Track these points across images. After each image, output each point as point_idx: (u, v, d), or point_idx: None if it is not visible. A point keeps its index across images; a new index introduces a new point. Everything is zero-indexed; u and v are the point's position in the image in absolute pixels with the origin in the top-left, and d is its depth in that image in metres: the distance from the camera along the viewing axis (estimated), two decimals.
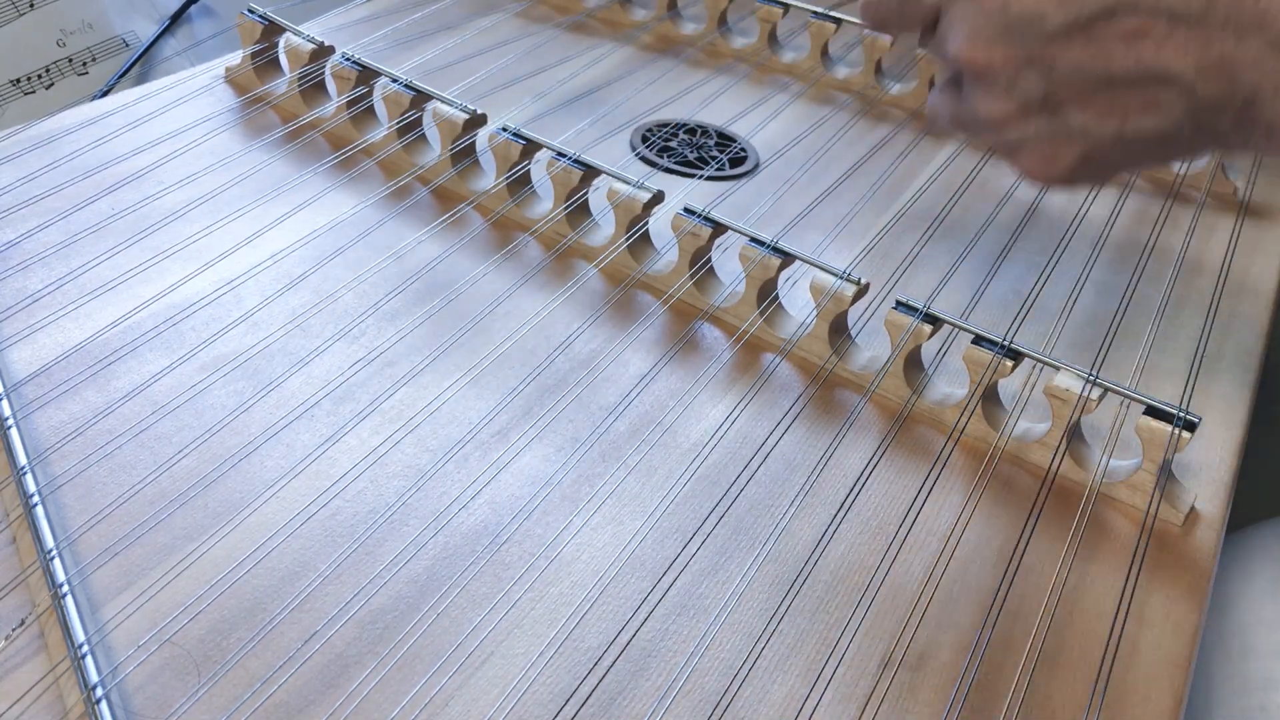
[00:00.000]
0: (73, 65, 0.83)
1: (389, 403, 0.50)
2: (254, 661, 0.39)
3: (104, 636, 0.39)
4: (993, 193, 0.70)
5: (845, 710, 0.40)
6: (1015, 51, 0.39)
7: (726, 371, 0.55)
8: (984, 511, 0.48)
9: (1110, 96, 0.38)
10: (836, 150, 0.73)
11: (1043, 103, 0.39)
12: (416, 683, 0.39)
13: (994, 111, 0.41)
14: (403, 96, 0.65)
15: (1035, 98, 0.39)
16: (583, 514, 0.46)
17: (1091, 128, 0.39)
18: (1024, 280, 0.63)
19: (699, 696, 0.40)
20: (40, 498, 0.43)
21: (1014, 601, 0.44)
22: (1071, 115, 0.39)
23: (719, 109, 0.76)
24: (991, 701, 0.40)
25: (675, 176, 0.69)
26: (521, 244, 0.62)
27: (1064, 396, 0.49)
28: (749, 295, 0.56)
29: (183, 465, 0.46)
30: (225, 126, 0.68)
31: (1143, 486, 0.48)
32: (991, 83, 0.40)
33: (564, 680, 0.40)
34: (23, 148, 0.63)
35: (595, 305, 0.58)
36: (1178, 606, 0.45)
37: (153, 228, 0.58)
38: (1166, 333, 0.59)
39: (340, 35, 0.78)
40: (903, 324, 0.52)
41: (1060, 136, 0.40)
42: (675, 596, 0.43)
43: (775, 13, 0.83)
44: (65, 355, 0.50)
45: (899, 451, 0.51)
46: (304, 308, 0.55)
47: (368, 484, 0.46)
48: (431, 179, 0.65)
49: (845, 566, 0.45)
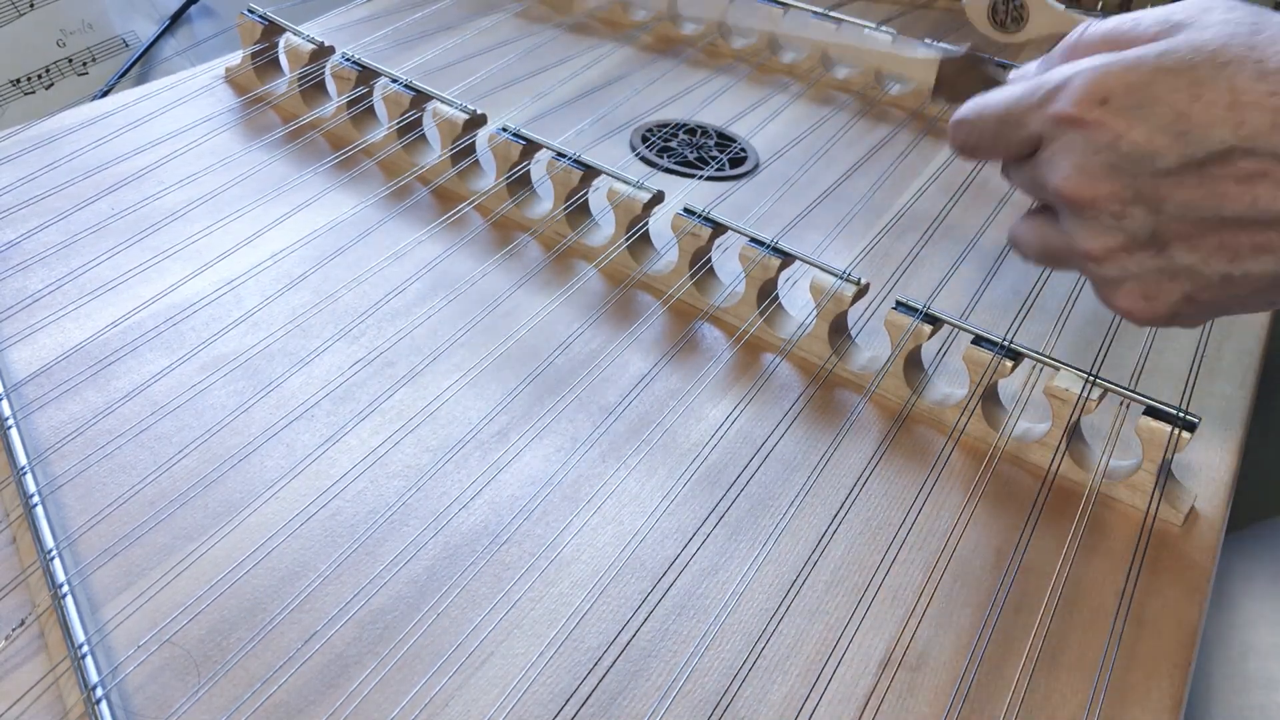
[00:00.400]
0: (73, 65, 0.83)
1: (389, 403, 0.50)
2: (254, 661, 0.39)
3: (104, 636, 0.39)
4: (993, 193, 0.70)
5: (845, 710, 0.40)
6: (1124, 187, 0.37)
7: (726, 371, 0.55)
8: (984, 511, 0.48)
9: (1220, 237, 0.37)
10: (836, 150, 0.73)
11: (1149, 240, 0.38)
12: (416, 683, 0.39)
13: (1095, 247, 0.39)
14: (403, 96, 0.65)
15: (1142, 235, 0.38)
16: (583, 514, 0.46)
17: (1198, 268, 0.37)
18: (1024, 280, 0.62)
19: (699, 696, 0.40)
20: (40, 498, 0.43)
21: (1014, 601, 0.44)
22: (1178, 254, 0.38)
23: (719, 109, 0.76)
24: (991, 701, 0.40)
25: (675, 177, 0.69)
26: (521, 244, 0.62)
27: (1064, 396, 0.49)
28: (749, 295, 0.56)
29: (183, 465, 0.46)
30: (225, 126, 0.68)
31: (1143, 486, 0.48)
32: (1095, 217, 0.38)
33: (564, 680, 0.40)
34: (23, 148, 0.63)
35: (595, 305, 0.58)
36: (1178, 606, 0.45)
37: (153, 228, 0.58)
38: (1166, 333, 0.59)
39: (340, 35, 0.78)
40: (903, 324, 0.52)
41: (1164, 275, 0.38)
42: (675, 596, 0.43)
43: (775, 13, 0.83)
44: (65, 355, 0.50)
45: (899, 451, 0.51)
46: (304, 308, 0.55)
47: (368, 484, 0.46)
48: (431, 179, 0.65)
49: (845, 566, 0.45)
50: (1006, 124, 0.41)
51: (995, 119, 0.41)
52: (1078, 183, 0.38)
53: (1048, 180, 0.39)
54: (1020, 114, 0.40)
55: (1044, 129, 0.39)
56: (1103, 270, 0.40)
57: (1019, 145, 0.41)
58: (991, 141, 0.42)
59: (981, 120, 0.42)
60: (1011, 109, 0.40)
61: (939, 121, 0.78)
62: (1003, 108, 0.41)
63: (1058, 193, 0.39)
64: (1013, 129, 0.40)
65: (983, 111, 0.42)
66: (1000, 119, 0.41)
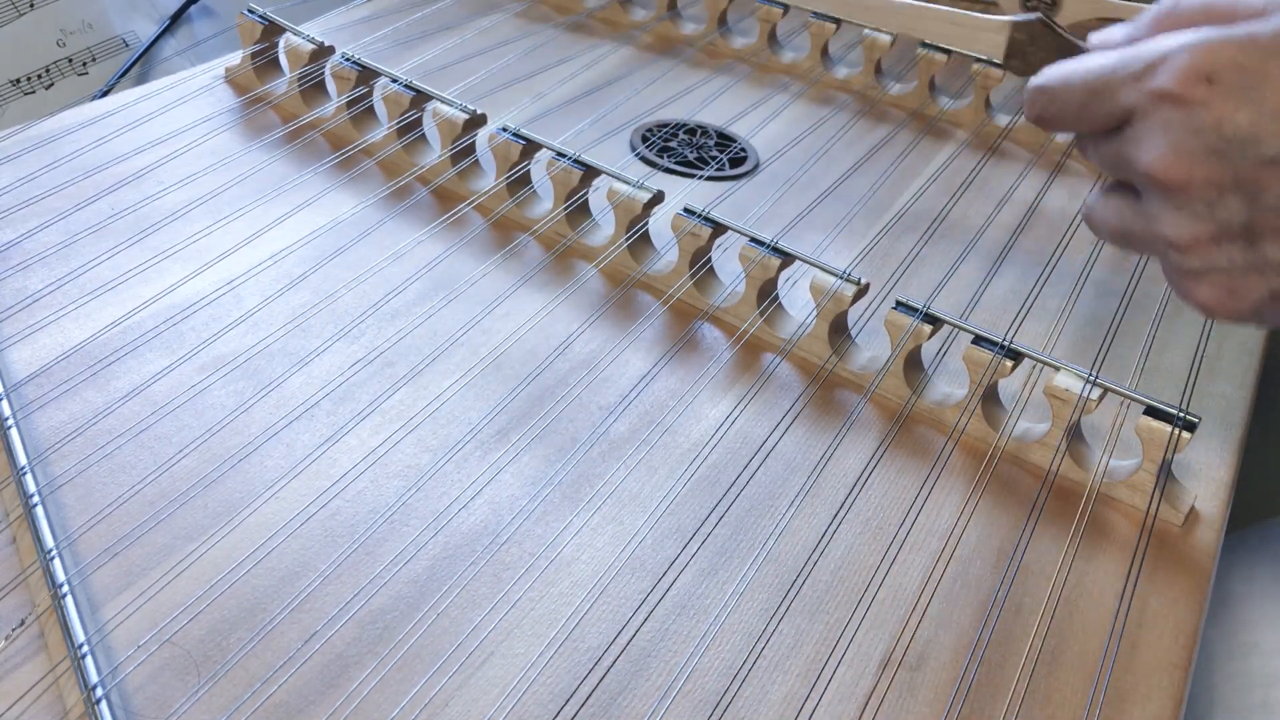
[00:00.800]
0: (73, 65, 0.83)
1: (389, 403, 0.50)
2: (254, 661, 0.39)
3: (104, 636, 0.39)
4: (993, 193, 0.70)
5: (845, 710, 0.40)
6: (1222, 173, 0.35)
7: (726, 371, 0.55)
8: (984, 511, 0.48)
9: None
10: (836, 150, 0.73)
11: (1241, 232, 0.36)
12: (416, 683, 0.39)
13: (1183, 234, 0.37)
14: (403, 96, 0.65)
15: (1234, 225, 0.36)
16: (583, 514, 0.46)
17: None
18: (1024, 280, 0.63)
19: (699, 696, 0.40)
20: (40, 498, 0.43)
21: (1014, 601, 0.44)
22: (1270, 248, 0.36)
23: (719, 109, 0.76)
24: (991, 701, 0.40)
25: (675, 176, 0.69)
26: (521, 244, 0.62)
27: (1064, 396, 0.49)
28: (749, 295, 0.56)
29: (183, 465, 0.46)
30: (225, 126, 0.68)
31: (1143, 486, 0.48)
32: (1186, 202, 0.36)
33: (564, 680, 0.40)
34: (23, 148, 0.63)
35: (595, 305, 0.58)
36: (1178, 606, 0.45)
37: (153, 228, 0.58)
38: (1166, 333, 0.59)
39: (340, 35, 0.78)
40: (903, 324, 0.52)
41: (1252, 269, 0.36)
42: (675, 596, 0.43)
43: (775, 13, 0.83)
44: (65, 355, 0.50)
45: (899, 451, 0.51)
46: (304, 308, 0.55)
47: (368, 484, 0.46)
48: (431, 179, 0.65)
49: (845, 566, 0.45)
50: (1095, 95, 0.38)
51: (1083, 89, 0.38)
52: (1172, 164, 0.35)
53: (1137, 158, 0.37)
54: (1112, 86, 0.37)
55: (1138, 103, 0.36)
56: (1186, 260, 0.37)
57: (1105, 119, 0.38)
58: (1075, 113, 0.39)
59: (1067, 89, 0.39)
60: (1102, 79, 0.38)
61: (939, 121, 0.78)
62: (1093, 77, 0.38)
63: (1148, 173, 0.36)
64: (1101, 101, 0.38)
65: (1069, 80, 0.39)
66: (1089, 89, 0.38)
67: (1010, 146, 0.75)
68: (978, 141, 0.76)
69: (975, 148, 0.75)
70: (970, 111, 0.78)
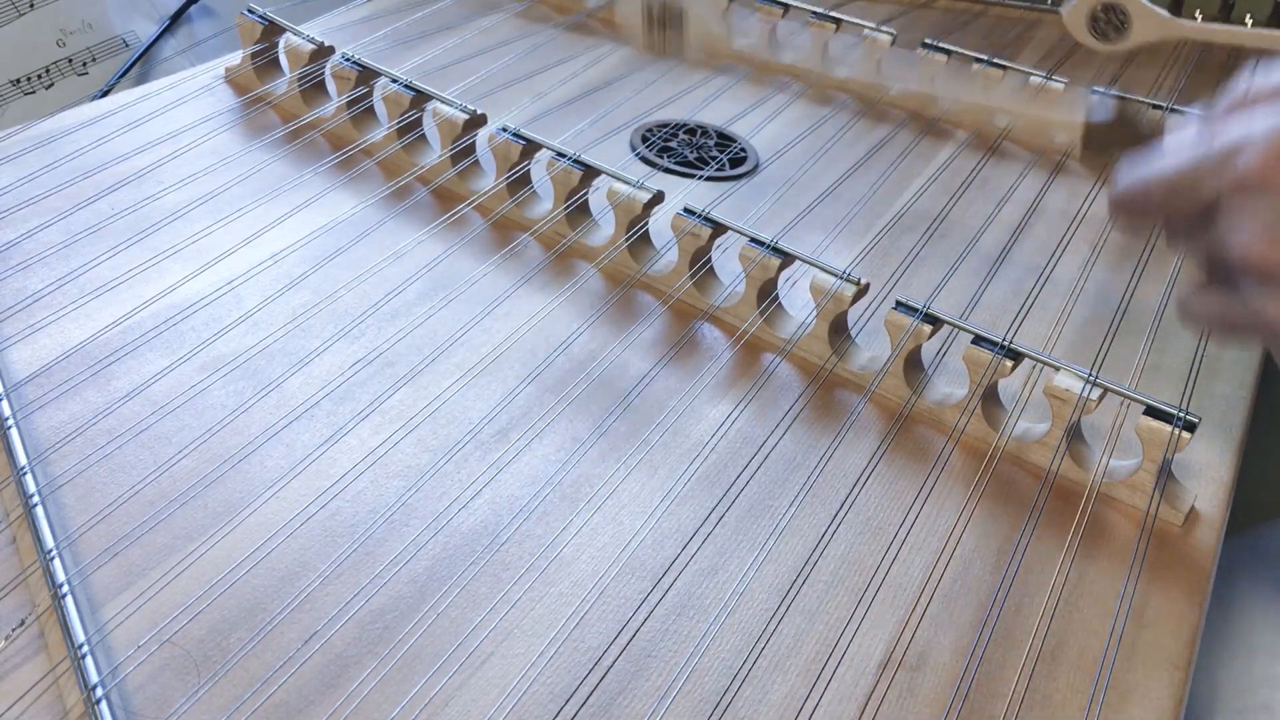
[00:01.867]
0: (73, 65, 0.83)
1: (389, 403, 0.50)
2: (254, 661, 0.39)
3: (104, 636, 0.39)
4: (993, 193, 0.70)
5: (845, 710, 0.40)
6: None
7: (726, 371, 0.54)
8: (984, 511, 0.48)
9: None
10: (836, 150, 0.73)
11: None
12: (416, 683, 0.39)
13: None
14: (403, 97, 0.65)
15: None
16: (583, 514, 0.46)
17: None
18: (1024, 280, 0.63)
19: (699, 696, 0.40)
20: (40, 498, 0.43)
21: (1014, 601, 0.44)
22: None
23: (719, 109, 0.76)
24: (991, 701, 0.40)
25: (675, 177, 0.69)
26: (521, 244, 0.62)
27: (1064, 396, 0.49)
28: (749, 295, 0.56)
29: (183, 465, 0.46)
30: (225, 126, 0.68)
31: (1143, 486, 0.48)
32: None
33: (564, 680, 0.40)
34: (23, 148, 0.63)
35: (595, 305, 0.58)
36: (1178, 606, 0.45)
37: (153, 228, 0.58)
38: (1166, 333, 0.59)
39: (340, 35, 0.78)
40: (903, 324, 0.52)
41: None
42: (675, 596, 0.43)
43: (775, 13, 0.83)
44: (65, 355, 0.50)
45: (899, 451, 0.51)
46: (304, 308, 0.55)
47: (368, 484, 0.46)
48: (431, 179, 0.65)
49: (845, 566, 0.45)
50: (1178, 193, 0.37)
51: (1165, 190, 0.38)
52: (1267, 248, 0.35)
53: (1230, 248, 0.36)
54: (1193, 180, 0.37)
55: (1224, 193, 0.36)
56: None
57: (1194, 207, 0.37)
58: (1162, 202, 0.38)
59: (1148, 194, 0.38)
60: (1183, 176, 0.37)
61: (939, 122, 0.78)
62: (1172, 176, 0.37)
63: (1243, 260, 0.36)
64: (1185, 198, 0.37)
65: (1148, 183, 0.38)
66: (1170, 189, 0.38)
67: (1010, 146, 0.75)
68: (978, 141, 0.76)
69: (975, 148, 0.75)
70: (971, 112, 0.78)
